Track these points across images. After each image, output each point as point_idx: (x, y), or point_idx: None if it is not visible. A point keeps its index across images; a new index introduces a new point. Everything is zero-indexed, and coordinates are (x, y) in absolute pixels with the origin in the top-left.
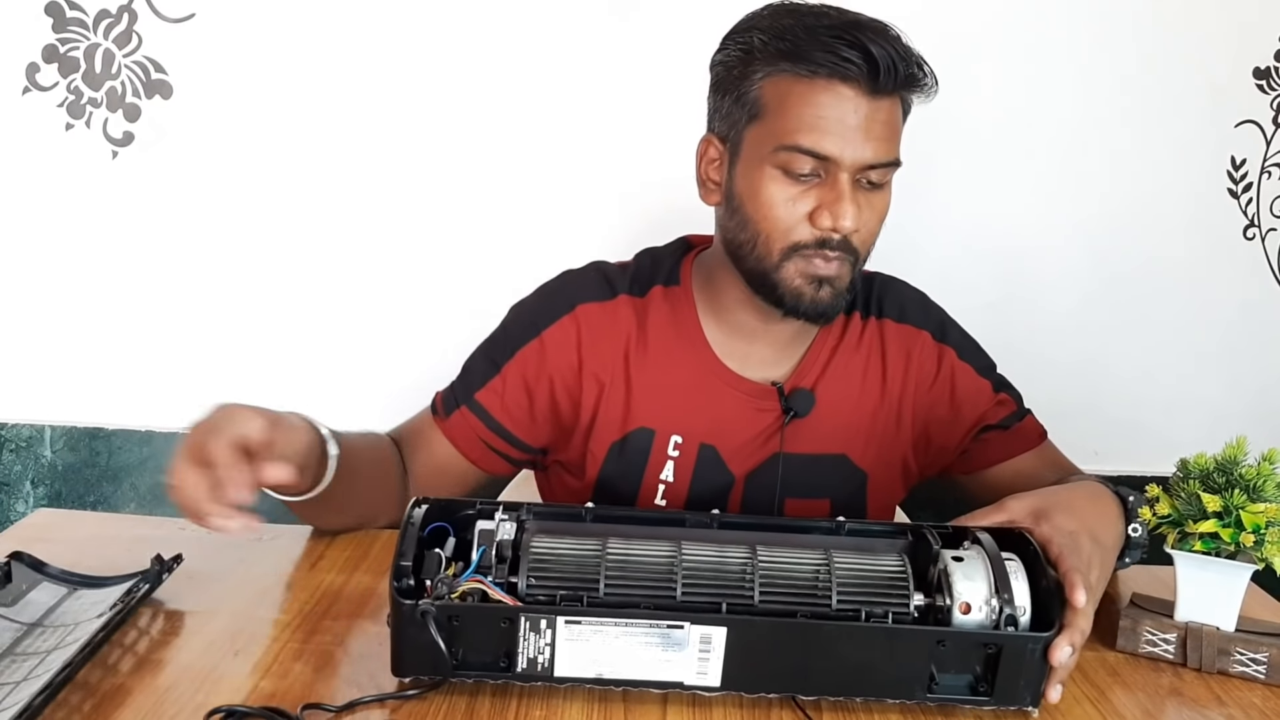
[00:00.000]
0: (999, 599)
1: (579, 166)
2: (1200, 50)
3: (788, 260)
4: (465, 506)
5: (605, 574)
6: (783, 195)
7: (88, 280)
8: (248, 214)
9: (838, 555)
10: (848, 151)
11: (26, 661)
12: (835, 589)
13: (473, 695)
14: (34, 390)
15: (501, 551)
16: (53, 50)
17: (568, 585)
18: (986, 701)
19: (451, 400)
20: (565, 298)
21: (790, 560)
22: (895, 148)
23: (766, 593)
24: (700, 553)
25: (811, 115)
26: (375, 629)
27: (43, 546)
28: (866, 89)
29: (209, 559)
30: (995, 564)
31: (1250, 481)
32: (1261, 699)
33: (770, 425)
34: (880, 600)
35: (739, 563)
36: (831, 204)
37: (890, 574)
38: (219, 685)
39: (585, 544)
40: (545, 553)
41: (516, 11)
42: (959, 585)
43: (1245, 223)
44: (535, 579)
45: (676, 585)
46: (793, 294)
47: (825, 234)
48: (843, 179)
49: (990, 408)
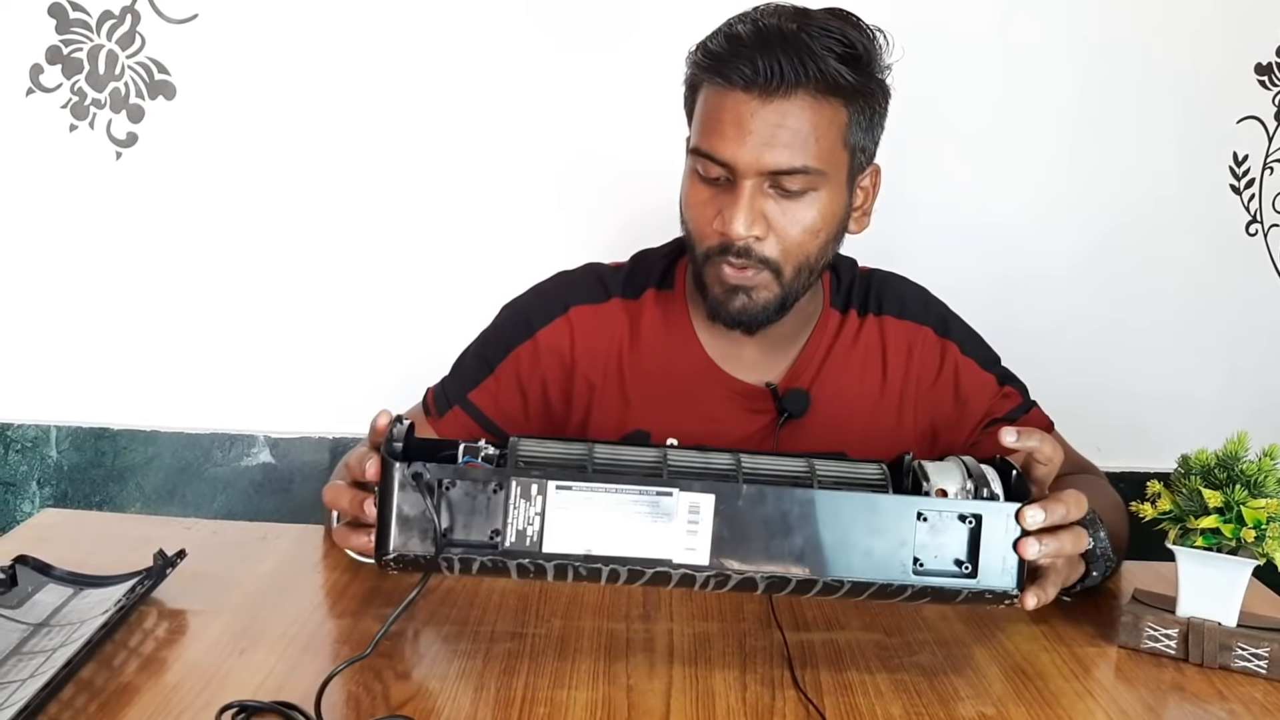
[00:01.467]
0: (974, 483)
1: (577, 166)
2: (1202, 46)
3: (708, 265)
4: (447, 446)
5: (594, 455)
6: (695, 198)
7: (92, 281)
8: (251, 214)
9: (819, 462)
10: (742, 156)
11: (32, 660)
12: (817, 481)
13: (483, 667)
14: (39, 390)
15: (488, 457)
16: (56, 51)
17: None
18: (971, 579)
19: (444, 399)
20: (559, 299)
21: (774, 464)
22: (806, 154)
23: (751, 477)
24: (687, 461)
25: (712, 119)
26: (380, 626)
27: (48, 547)
28: (757, 94)
29: (213, 559)
30: (970, 466)
31: (1251, 477)
32: (1263, 694)
33: (765, 426)
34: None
35: (726, 461)
36: (726, 208)
37: (869, 476)
38: (225, 684)
39: (572, 450)
40: (533, 449)
41: (514, 12)
42: (934, 477)
43: (1247, 218)
44: (525, 464)
45: (664, 468)
46: (712, 300)
47: (724, 239)
48: (744, 185)
49: (996, 402)
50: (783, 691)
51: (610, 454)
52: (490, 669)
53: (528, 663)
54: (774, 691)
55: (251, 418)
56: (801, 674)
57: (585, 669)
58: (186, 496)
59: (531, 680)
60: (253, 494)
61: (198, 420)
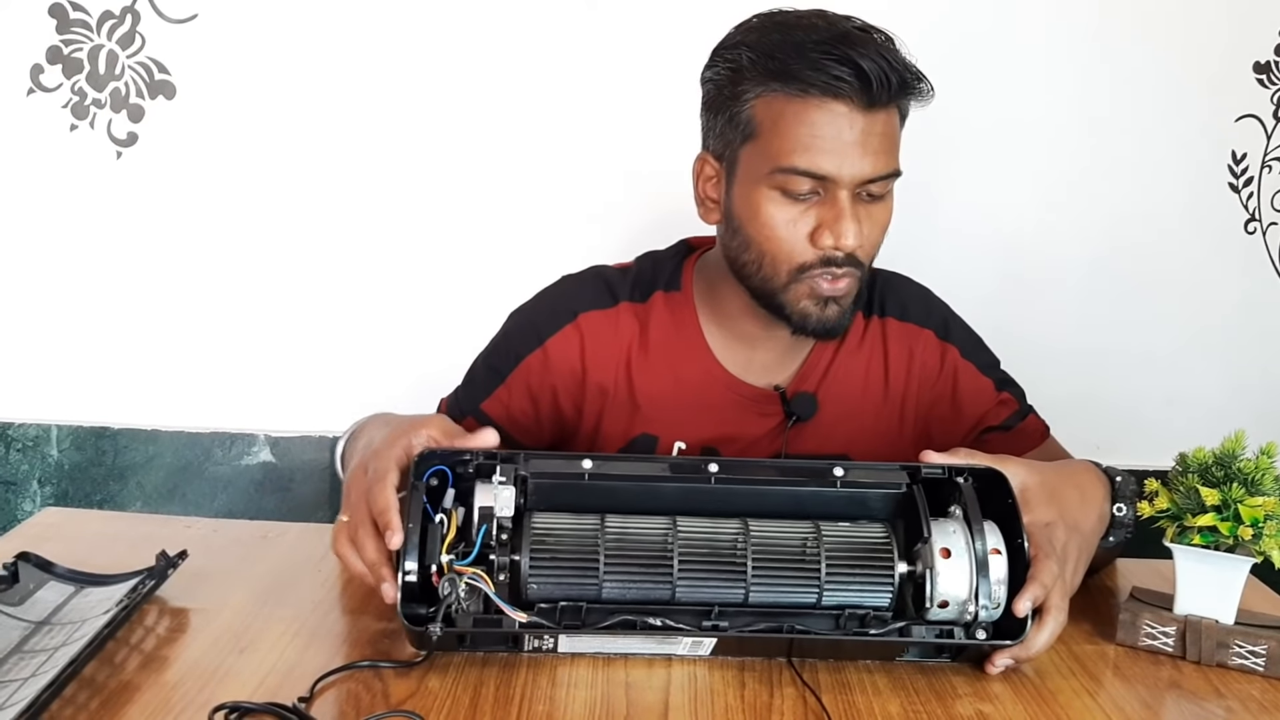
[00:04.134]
0: (975, 605)
1: (578, 167)
2: (1200, 45)
3: (795, 282)
4: (462, 454)
5: (604, 574)
6: (783, 217)
7: (93, 280)
8: (252, 214)
9: (826, 530)
10: (845, 169)
11: (34, 658)
12: (824, 570)
13: (482, 667)
14: (40, 389)
15: (502, 525)
16: (56, 51)
17: (568, 580)
18: (949, 661)
19: (457, 410)
20: (567, 306)
21: (780, 537)
22: (894, 159)
23: (759, 579)
24: (694, 537)
25: (807, 135)
26: (379, 625)
27: (49, 545)
28: (860, 104)
29: (214, 557)
30: (980, 565)
31: (1249, 475)
32: (1260, 691)
33: (773, 429)
34: (864, 570)
35: (729, 540)
36: (832, 223)
37: (875, 545)
38: (225, 682)
39: (584, 526)
40: (545, 538)
41: (517, 13)
42: (941, 586)
43: (1246, 217)
44: (536, 583)
45: (672, 585)
46: (799, 314)
47: (828, 253)
48: (842, 196)
49: (992, 408)
50: (781, 690)
51: (619, 555)
52: (490, 665)
53: (527, 660)
54: (772, 690)
55: (252, 416)
56: (800, 671)
57: (584, 666)
58: (187, 495)
59: (531, 677)
60: (253, 493)
61: (198, 419)
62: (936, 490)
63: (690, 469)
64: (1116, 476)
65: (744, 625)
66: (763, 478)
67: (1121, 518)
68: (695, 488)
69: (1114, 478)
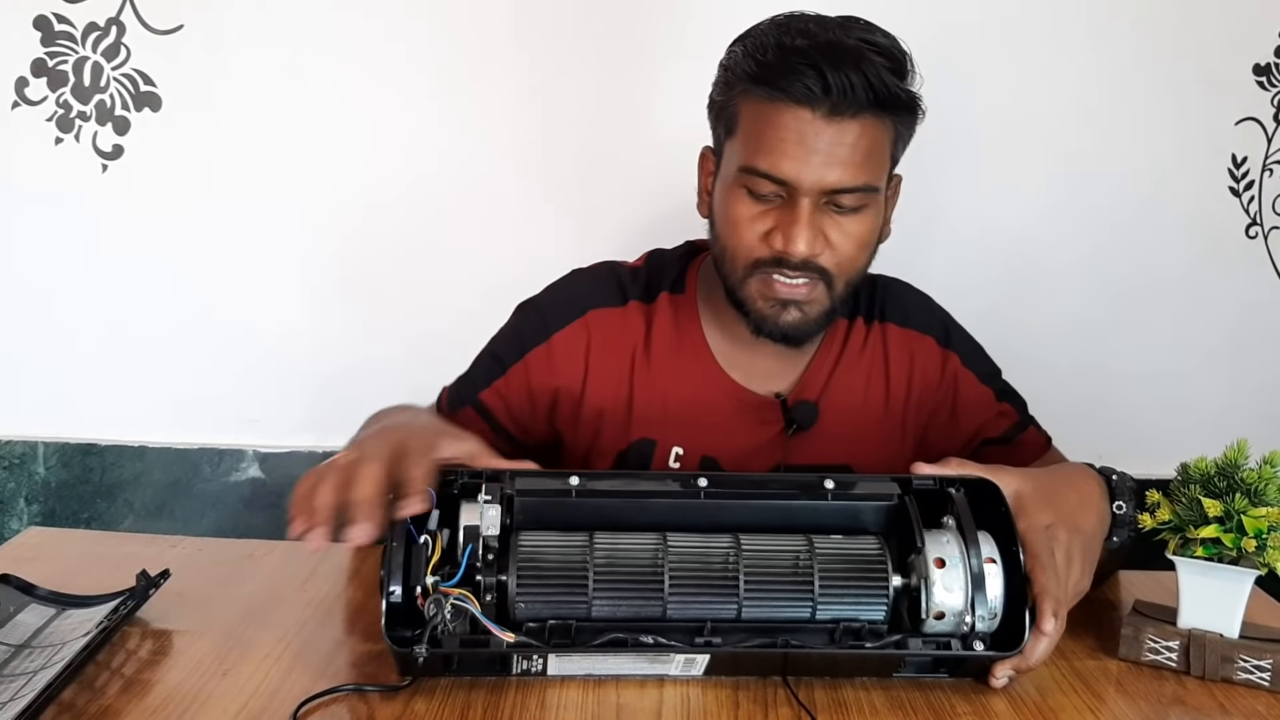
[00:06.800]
0: (972, 615)
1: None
2: (1200, 47)
3: (750, 277)
4: (447, 473)
5: (593, 592)
6: (745, 214)
7: (79, 294)
8: (240, 227)
9: (819, 543)
10: (806, 175)
11: (14, 682)
12: (818, 584)
13: (469, 690)
14: (26, 406)
15: (488, 545)
16: (41, 64)
17: (556, 600)
18: (947, 678)
19: (457, 398)
20: (578, 301)
21: (772, 551)
22: (868, 173)
23: (751, 594)
24: (685, 553)
25: (773, 138)
26: (365, 647)
27: (33, 566)
28: (824, 112)
29: (197, 578)
30: (975, 576)
31: (1251, 485)
32: (1266, 707)
33: (773, 437)
34: (858, 583)
35: (721, 555)
36: (786, 227)
37: (869, 557)
38: (207, 705)
39: (572, 544)
40: (532, 557)
41: (515, 14)
42: (937, 596)
43: (1247, 221)
44: (524, 603)
45: (663, 602)
46: (757, 314)
47: (778, 254)
48: (803, 203)
49: (991, 419)
50: (776, 710)
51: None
52: (478, 689)
53: (515, 683)
54: (767, 710)
55: (240, 432)
56: (795, 691)
57: (574, 689)
58: (176, 512)
59: (520, 701)
60: (242, 509)
61: (186, 435)
62: (929, 501)
63: (679, 484)
64: (1112, 474)
65: (737, 642)
66: (753, 492)
67: (1123, 515)
68: (685, 503)
69: (1110, 476)
